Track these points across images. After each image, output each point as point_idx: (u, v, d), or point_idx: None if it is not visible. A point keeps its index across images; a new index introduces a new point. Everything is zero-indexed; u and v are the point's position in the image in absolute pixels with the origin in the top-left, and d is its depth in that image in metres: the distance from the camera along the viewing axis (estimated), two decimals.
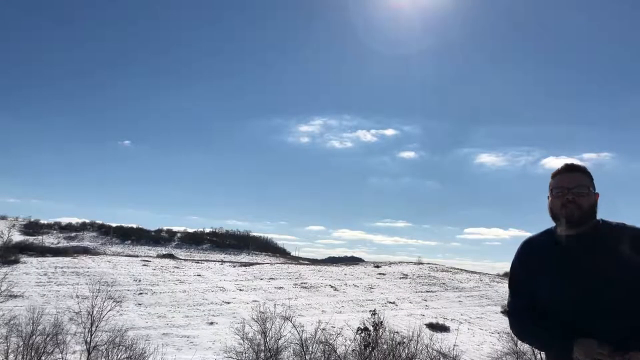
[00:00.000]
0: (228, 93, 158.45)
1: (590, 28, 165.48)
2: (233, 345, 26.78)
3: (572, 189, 2.15)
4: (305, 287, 57.27)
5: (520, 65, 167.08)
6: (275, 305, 34.93)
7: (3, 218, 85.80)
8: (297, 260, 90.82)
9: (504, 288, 69.07)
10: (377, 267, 74.15)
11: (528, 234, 2.36)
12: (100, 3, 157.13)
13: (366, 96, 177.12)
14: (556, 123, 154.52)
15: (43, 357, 21.06)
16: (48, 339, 22.07)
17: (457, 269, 78.70)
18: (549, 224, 2.26)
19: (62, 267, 49.61)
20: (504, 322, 46.93)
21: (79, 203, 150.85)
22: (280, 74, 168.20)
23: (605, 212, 2.21)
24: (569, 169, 2.22)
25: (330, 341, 25.79)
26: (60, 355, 22.11)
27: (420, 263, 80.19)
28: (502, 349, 34.68)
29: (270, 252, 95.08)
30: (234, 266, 64.97)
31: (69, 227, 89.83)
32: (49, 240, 74.71)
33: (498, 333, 42.44)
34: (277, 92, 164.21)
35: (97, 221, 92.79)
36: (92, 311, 24.94)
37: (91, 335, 23.74)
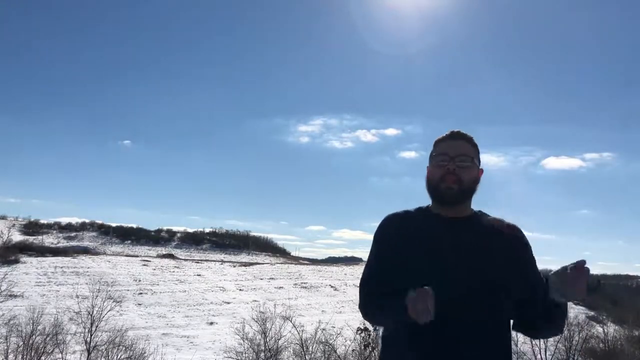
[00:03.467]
0: (228, 93, 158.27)
1: (592, 27, 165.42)
2: (233, 345, 26.77)
3: (455, 158, 1.89)
4: (305, 287, 57.27)
5: (521, 65, 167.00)
6: (275, 305, 34.91)
7: (3, 218, 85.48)
8: (297, 260, 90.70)
9: None
10: None
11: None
12: (100, 3, 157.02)
13: (367, 96, 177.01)
14: (557, 123, 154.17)
15: (43, 357, 21.06)
16: (48, 339, 22.08)
17: None
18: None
19: (62, 267, 49.59)
20: None
21: (79, 203, 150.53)
22: (280, 73, 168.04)
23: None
24: (454, 136, 1.96)
25: (330, 341, 25.81)
26: (60, 355, 22.11)
27: None
28: None
29: (270, 252, 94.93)
30: (234, 266, 64.95)
31: (68, 227, 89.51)
32: (49, 240, 74.58)
33: None
34: (277, 91, 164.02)
35: (97, 221, 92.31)
36: (92, 311, 24.95)
37: (91, 335, 23.75)
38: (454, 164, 1.89)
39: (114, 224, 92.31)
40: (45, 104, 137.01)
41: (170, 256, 71.30)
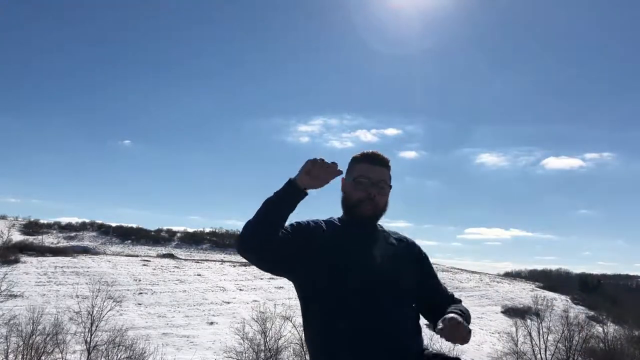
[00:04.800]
0: (228, 92, 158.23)
1: (592, 27, 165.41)
2: (233, 345, 26.77)
3: (377, 184, 2.09)
4: None
5: (522, 65, 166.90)
6: (275, 305, 34.93)
7: (3, 218, 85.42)
8: None
9: (504, 288, 69.04)
10: None
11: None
12: (100, 2, 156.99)
13: (367, 96, 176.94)
14: (558, 123, 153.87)
15: (43, 357, 21.06)
16: (48, 338, 22.07)
17: (458, 269, 78.62)
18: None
19: (62, 267, 49.57)
20: (504, 322, 46.88)
21: (79, 203, 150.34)
22: (280, 73, 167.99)
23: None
24: (376, 161, 2.13)
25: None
26: (60, 355, 22.10)
27: None
28: (502, 349, 34.72)
29: None
30: (234, 266, 64.92)
31: (69, 227, 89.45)
32: (49, 240, 74.55)
33: (498, 333, 42.41)
34: (277, 91, 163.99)
35: (97, 221, 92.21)
36: (92, 311, 24.94)
37: (91, 335, 23.74)
38: (376, 190, 2.08)
39: (114, 224, 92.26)
40: (45, 104, 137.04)
41: (170, 256, 71.26)
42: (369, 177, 2.09)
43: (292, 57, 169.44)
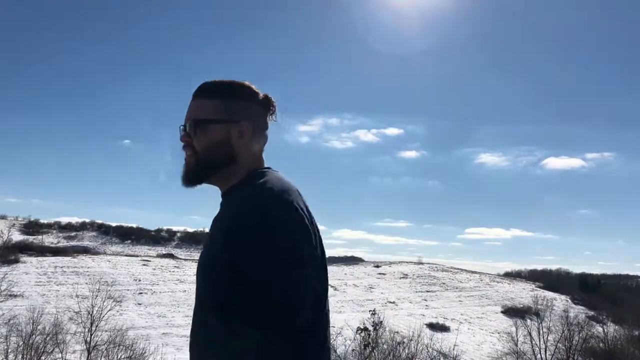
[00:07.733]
0: None
1: (592, 27, 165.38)
2: None
3: (184, 128, 1.40)
4: None
5: (522, 65, 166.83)
6: None
7: (3, 218, 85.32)
8: None
9: (504, 288, 69.03)
10: (377, 267, 74.08)
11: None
12: (100, 2, 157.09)
13: (367, 95, 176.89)
14: (558, 122, 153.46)
15: (43, 357, 21.06)
16: (48, 338, 22.07)
17: (458, 268, 78.59)
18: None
19: (62, 267, 49.59)
20: (504, 322, 46.89)
21: (79, 203, 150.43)
22: (279, 73, 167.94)
23: None
24: (194, 94, 1.46)
25: (330, 341, 25.74)
26: (60, 354, 22.12)
27: (420, 263, 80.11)
28: (502, 348, 34.70)
29: None
30: None
31: (68, 227, 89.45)
32: (49, 239, 74.54)
33: (498, 333, 42.41)
34: (277, 91, 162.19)
35: (97, 221, 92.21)
36: (92, 311, 24.95)
37: (91, 335, 23.75)
38: (183, 139, 1.43)
39: (114, 224, 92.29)
40: (45, 104, 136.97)
41: (170, 256, 71.24)
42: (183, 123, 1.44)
43: (291, 56, 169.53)
